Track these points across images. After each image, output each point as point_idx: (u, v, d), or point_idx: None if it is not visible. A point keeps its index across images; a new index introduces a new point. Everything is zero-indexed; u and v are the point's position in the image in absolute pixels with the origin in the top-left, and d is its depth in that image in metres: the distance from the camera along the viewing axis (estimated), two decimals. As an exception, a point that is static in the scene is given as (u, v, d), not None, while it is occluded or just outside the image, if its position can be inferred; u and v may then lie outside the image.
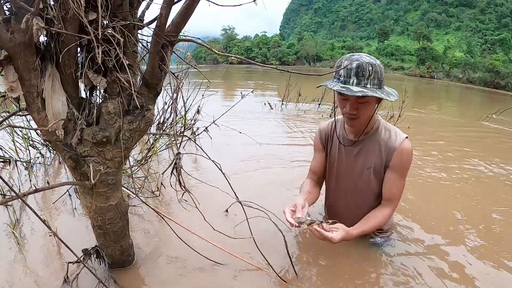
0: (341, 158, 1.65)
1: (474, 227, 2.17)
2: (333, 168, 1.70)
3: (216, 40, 60.60)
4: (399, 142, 1.47)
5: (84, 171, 1.18)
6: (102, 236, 1.37)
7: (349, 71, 1.32)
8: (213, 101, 4.97)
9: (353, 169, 1.61)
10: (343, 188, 1.69)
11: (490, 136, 5.66)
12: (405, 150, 1.47)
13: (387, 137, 1.50)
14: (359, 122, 1.45)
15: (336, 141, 1.66)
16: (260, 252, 1.53)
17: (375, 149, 1.52)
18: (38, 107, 1.06)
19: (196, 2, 1.03)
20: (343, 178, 1.67)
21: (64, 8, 0.95)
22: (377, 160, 1.52)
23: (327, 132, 1.71)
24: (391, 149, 1.48)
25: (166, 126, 3.75)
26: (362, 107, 1.39)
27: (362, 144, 1.56)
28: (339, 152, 1.65)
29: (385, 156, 1.50)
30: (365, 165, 1.56)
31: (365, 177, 1.57)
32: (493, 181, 3.18)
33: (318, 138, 1.75)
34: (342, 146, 1.62)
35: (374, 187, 1.58)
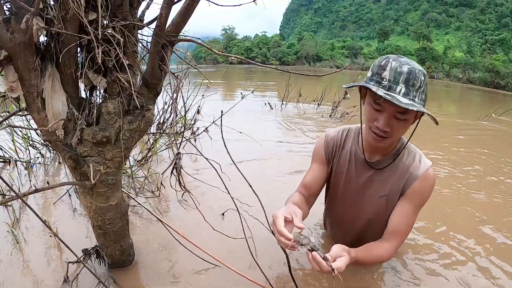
0: (349, 179, 1.35)
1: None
2: (338, 189, 1.40)
3: (216, 40, 60.61)
4: (423, 169, 1.22)
5: (84, 171, 1.18)
6: (102, 236, 1.37)
7: (397, 76, 1.01)
8: (213, 101, 4.97)
9: (363, 195, 1.33)
10: (347, 213, 1.43)
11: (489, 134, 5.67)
12: (428, 180, 1.22)
13: (410, 161, 1.25)
14: (387, 142, 1.15)
15: (346, 156, 1.35)
16: (258, 259, 1.52)
17: (394, 174, 1.26)
18: (38, 107, 1.06)
19: (196, 2, 1.02)
20: (349, 203, 1.39)
21: (64, 8, 0.95)
22: (393, 187, 1.26)
23: (337, 143, 1.38)
24: (413, 176, 1.22)
25: (166, 126, 3.75)
26: (399, 125, 1.09)
27: (380, 165, 1.29)
28: (348, 170, 1.34)
29: (404, 183, 1.25)
30: (379, 192, 1.29)
31: (375, 206, 1.31)
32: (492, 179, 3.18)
33: (323, 148, 1.41)
34: (353, 164, 1.33)
35: (385, 219, 1.31)
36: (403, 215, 1.25)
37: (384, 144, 1.16)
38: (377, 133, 1.12)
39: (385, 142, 1.14)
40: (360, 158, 1.32)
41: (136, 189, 2.34)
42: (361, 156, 1.31)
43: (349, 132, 1.39)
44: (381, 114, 1.08)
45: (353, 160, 1.34)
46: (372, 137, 1.15)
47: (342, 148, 1.37)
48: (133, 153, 2.93)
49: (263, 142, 3.84)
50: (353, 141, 1.36)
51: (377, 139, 1.13)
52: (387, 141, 1.14)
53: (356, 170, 1.33)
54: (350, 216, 1.42)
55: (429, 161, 1.25)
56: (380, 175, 1.28)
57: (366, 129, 1.17)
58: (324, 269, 0.91)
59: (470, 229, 2.15)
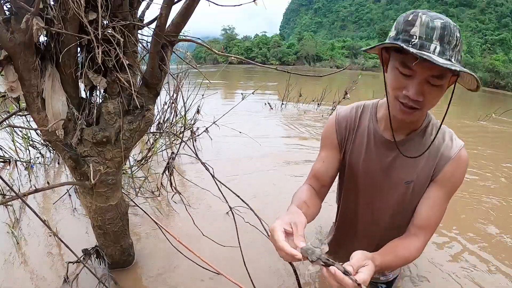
0: (369, 162, 1.13)
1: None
2: (355, 177, 1.18)
3: (216, 40, 60.60)
4: (455, 150, 1.02)
5: (84, 171, 1.18)
6: (102, 236, 1.37)
7: (430, 32, 0.83)
8: (213, 101, 4.97)
9: (386, 181, 1.12)
10: (366, 203, 1.21)
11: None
12: (462, 162, 1.03)
13: (440, 141, 1.05)
14: (417, 115, 0.94)
15: (363, 136, 1.13)
16: (256, 263, 1.52)
17: (422, 156, 1.05)
18: (38, 107, 1.06)
19: (196, 2, 1.03)
20: (369, 190, 1.18)
21: (64, 8, 0.95)
22: (422, 173, 1.06)
23: (350, 122, 1.16)
24: (445, 158, 1.03)
25: (166, 126, 3.75)
26: (433, 93, 0.88)
27: (404, 148, 1.06)
28: (366, 153, 1.13)
29: (434, 166, 1.05)
30: (404, 177, 1.08)
31: (400, 194, 1.10)
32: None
33: (335, 129, 1.18)
34: (373, 145, 1.11)
35: (411, 209, 1.11)
36: (433, 204, 1.05)
37: (413, 118, 0.94)
38: (405, 104, 0.90)
39: (415, 115, 0.92)
40: (380, 137, 1.09)
41: (136, 189, 2.34)
42: (381, 135, 1.08)
43: (364, 109, 1.16)
44: (411, 80, 0.87)
45: (372, 140, 1.11)
46: (399, 110, 0.93)
47: (357, 127, 1.14)
48: (133, 153, 2.93)
49: (263, 142, 3.84)
50: (370, 118, 1.13)
51: (406, 111, 0.91)
52: (417, 114, 0.93)
53: (376, 152, 1.10)
54: (370, 209, 1.20)
55: (461, 141, 1.05)
56: (405, 157, 1.06)
57: (391, 100, 0.96)
58: (346, 285, 0.72)
59: (476, 229, 2.15)
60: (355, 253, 0.81)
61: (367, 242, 1.25)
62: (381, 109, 1.10)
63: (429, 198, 1.06)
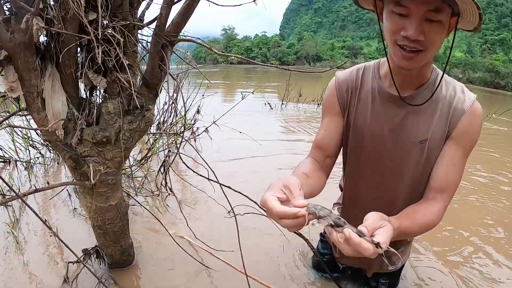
0: (376, 122, 1.02)
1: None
2: (362, 138, 1.06)
3: (216, 40, 60.63)
4: (469, 102, 0.94)
5: (84, 171, 1.18)
6: (102, 236, 1.37)
7: None
8: (213, 101, 4.98)
9: (397, 142, 1.00)
10: (378, 170, 1.08)
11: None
12: (477, 115, 0.94)
13: (451, 93, 0.96)
14: (422, 59, 0.84)
15: (367, 96, 1.03)
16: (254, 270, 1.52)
17: (435, 111, 0.95)
18: (38, 107, 1.06)
19: (196, 2, 1.03)
20: (380, 155, 1.05)
21: (64, 8, 0.95)
22: (436, 130, 0.96)
23: (352, 84, 1.06)
24: (458, 112, 0.94)
25: (166, 126, 3.75)
26: (433, 30, 0.80)
27: (415, 102, 0.97)
28: (373, 112, 1.02)
29: (449, 122, 0.95)
30: (417, 136, 0.97)
31: (415, 156, 0.99)
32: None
33: (335, 94, 1.08)
34: (379, 103, 1.01)
35: (427, 171, 1.01)
36: (451, 163, 0.95)
37: (418, 62, 0.85)
38: (406, 47, 0.82)
39: (419, 58, 0.84)
40: (386, 94, 0.99)
41: (135, 189, 2.34)
42: (387, 91, 0.98)
43: (365, 69, 1.07)
44: (408, 19, 0.81)
45: (377, 98, 1.01)
46: (401, 56, 0.84)
47: (360, 88, 1.04)
48: (133, 153, 2.93)
49: (263, 141, 3.84)
50: (373, 77, 1.03)
51: (408, 55, 0.83)
52: (421, 58, 0.84)
53: (384, 110, 1.00)
54: (382, 177, 1.07)
55: (472, 93, 0.97)
56: (416, 114, 0.97)
57: (391, 47, 0.87)
58: (364, 251, 0.59)
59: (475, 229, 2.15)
60: (370, 214, 0.69)
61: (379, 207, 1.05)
62: (383, 66, 1.01)
63: (446, 157, 0.96)
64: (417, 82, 0.96)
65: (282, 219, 0.63)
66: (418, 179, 1.02)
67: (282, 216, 0.63)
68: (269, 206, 0.64)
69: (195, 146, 3.52)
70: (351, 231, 0.59)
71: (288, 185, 0.67)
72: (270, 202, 0.64)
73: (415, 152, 0.99)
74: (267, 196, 0.66)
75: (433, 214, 0.92)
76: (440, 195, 0.96)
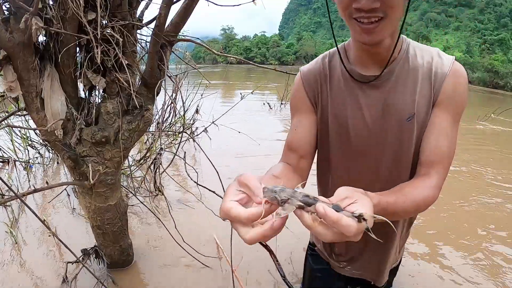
0: (357, 109, 0.91)
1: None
2: (345, 129, 0.94)
3: (215, 40, 60.64)
4: (448, 64, 0.86)
5: (83, 171, 1.18)
6: (101, 236, 1.37)
7: None
8: (212, 101, 4.98)
9: (385, 124, 0.90)
10: (370, 161, 0.95)
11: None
12: (460, 75, 0.86)
13: (429, 60, 0.87)
14: (385, 27, 0.74)
15: (340, 82, 0.92)
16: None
17: (416, 82, 0.87)
18: (37, 107, 1.06)
19: (195, 2, 1.03)
20: (369, 143, 0.93)
21: (63, 8, 0.95)
22: (421, 100, 0.87)
23: (319, 73, 0.95)
24: (440, 76, 0.85)
25: (165, 126, 3.75)
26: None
27: (392, 79, 0.87)
28: (350, 100, 0.91)
29: (432, 89, 0.87)
30: (404, 113, 0.87)
31: (407, 134, 0.88)
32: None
33: (302, 88, 0.98)
34: (355, 88, 0.91)
35: (417, 152, 0.91)
36: (441, 132, 0.86)
37: (382, 33, 0.75)
38: (363, 19, 0.72)
39: (381, 28, 0.73)
40: (361, 77, 0.89)
41: (134, 189, 2.34)
42: (361, 74, 0.88)
43: (332, 56, 0.96)
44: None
45: (351, 82, 0.91)
46: (360, 30, 0.74)
47: (330, 76, 0.94)
48: (132, 153, 2.93)
49: (262, 141, 3.85)
50: (341, 61, 0.92)
51: (368, 27, 0.73)
52: (384, 27, 0.73)
53: (362, 94, 0.90)
54: (377, 168, 0.94)
55: (449, 55, 0.89)
56: (397, 90, 0.87)
57: (348, 23, 0.78)
58: (345, 229, 0.45)
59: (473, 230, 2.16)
60: (339, 189, 0.56)
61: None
62: (350, 48, 0.91)
63: (434, 126, 0.87)
64: (389, 55, 0.85)
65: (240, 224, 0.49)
66: (414, 158, 0.91)
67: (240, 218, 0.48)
68: (233, 215, 0.48)
69: (194, 145, 3.53)
70: (325, 206, 0.46)
71: (243, 181, 0.53)
72: (232, 209, 0.49)
73: (405, 131, 0.88)
74: (226, 204, 0.50)
75: (427, 188, 0.80)
76: (433, 168, 0.85)
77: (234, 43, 62.79)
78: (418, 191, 0.78)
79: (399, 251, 1.11)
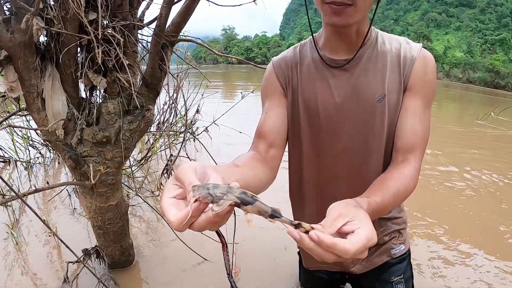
0: (327, 92, 0.91)
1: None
2: (316, 114, 0.93)
3: (216, 40, 60.70)
4: (416, 49, 0.88)
5: (84, 171, 1.18)
6: (102, 236, 1.37)
7: None
8: (213, 101, 4.98)
9: (356, 107, 0.90)
10: (339, 142, 0.93)
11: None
12: (428, 59, 0.88)
13: (397, 46, 0.90)
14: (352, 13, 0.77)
15: (310, 67, 0.94)
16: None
17: (385, 65, 0.89)
18: (38, 107, 1.06)
19: (196, 2, 1.03)
20: (340, 126, 0.92)
21: (64, 8, 0.95)
22: (391, 82, 0.88)
23: (290, 60, 0.97)
24: (409, 60, 0.87)
25: (165, 126, 3.75)
26: None
27: (361, 63, 0.89)
28: (320, 84, 0.92)
29: (402, 72, 0.88)
30: (374, 95, 0.88)
31: (378, 116, 0.89)
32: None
33: (273, 74, 0.98)
34: (325, 72, 0.92)
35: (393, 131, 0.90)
36: (414, 116, 0.86)
37: (350, 18, 0.77)
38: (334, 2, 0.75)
39: (349, 13, 0.76)
40: (331, 61, 0.90)
41: (136, 189, 2.34)
42: (330, 58, 0.90)
43: (302, 45, 0.99)
44: None
45: (321, 67, 0.92)
46: (330, 11, 0.77)
47: (300, 63, 0.96)
48: (133, 153, 2.93)
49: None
50: (312, 48, 0.95)
51: (337, 9, 0.75)
52: (352, 12, 0.76)
53: (332, 77, 0.91)
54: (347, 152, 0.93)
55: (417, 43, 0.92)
56: (367, 73, 0.89)
57: (321, 9, 0.81)
58: (340, 252, 0.45)
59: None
60: (331, 206, 0.56)
61: (346, 182, 0.96)
62: (320, 37, 0.94)
63: (407, 111, 0.88)
64: (358, 42, 0.88)
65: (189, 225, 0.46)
66: (387, 143, 0.90)
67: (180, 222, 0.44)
68: (167, 217, 0.45)
69: (194, 145, 3.53)
70: (319, 233, 0.45)
71: (178, 176, 0.49)
72: (165, 212, 0.46)
73: (376, 112, 0.88)
74: (162, 203, 0.48)
75: (407, 177, 0.79)
76: (410, 154, 0.85)
77: (235, 43, 62.86)
78: (401, 182, 0.78)
79: (385, 234, 1.04)
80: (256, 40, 63.94)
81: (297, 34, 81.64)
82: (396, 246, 1.05)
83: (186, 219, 0.43)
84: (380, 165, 0.92)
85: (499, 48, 54.64)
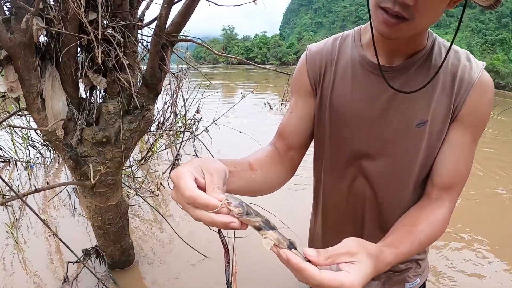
0: (360, 102, 0.79)
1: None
2: (342, 123, 0.83)
3: (216, 40, 60.73)
4: (477, 71, 0.72)
5: (84, 171, 1.18)
6: (102, 236, 1.37)
7: None
8: (213, 101, 4.98)
9: (388, 126, 0.77)
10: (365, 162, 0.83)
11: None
12: (487, 88, 0.73)
13: (455, 62, 0.74)
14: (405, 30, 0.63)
15: (347, 69, 0.81)
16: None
17: (436, 84, 0.74)
18: (38, 107, 1.06)
19: (196, 2, 1.03)
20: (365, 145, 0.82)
21: (64, 8, 0.95)
22: (439, 107, 0.74)
23: (327, 54, 0.84)
24: (465, 85, 0.72)
25: (166, 126, 3.75)
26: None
27: (409, 74, 0.75)
28: (354, 90, 0.79)
29: (454, 96, 0.73)
30: (414, 117, 0.74)
31: (412, 142, 0.76)
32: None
33: (305, 68, 0.85)
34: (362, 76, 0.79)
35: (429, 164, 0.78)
36: (460, 153, 0.75)
37: (400, 33, 0.64)
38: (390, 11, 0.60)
39: (401, 28, 0.62)
40: (370, 64, 0.77)
41: (136, 189, 2.34)
42: (371, 61, 0.76)
43: (344, 38, 0.85)
44: None
45: (360, 71, 0.79)
46: (381, 20, 0.63)
47: (337, 59, 0.83)
48: (133, 153, 2.93)
49: (263, 141, 3.84)
50: (353, 46, 0.82)
51: (390, 20, 0.61)
52: (405, 29, 0.63)
53: (369, 85, 0.77)
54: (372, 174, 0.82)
55: (480, 61, 0.75)
56: (410, 88, 0.73)
57: (373, 9, 0.66)
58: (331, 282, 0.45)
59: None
60: (346, 239, 0.52)
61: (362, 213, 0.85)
62: (366, 33, 0.80)
63: (453, 145, 0.75)
64: (408, 50, 0.74)
65: (194, 207, 0.45)
66: (420, 172, 0.78)
67: (196, 202, 0.44)
68: (182, 184, 0.45)
69: (194, 145, 3.53)
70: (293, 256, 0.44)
71: (210, 170, 0.49)
72: (184, 179, 0.46)
73: (411, 138, 0.75)
74: (182, 170, 0.47)
75: (439, 223, 0.70)
76: (446, 193, 0.75)
77: (235, 43, 62.87)
78: (432, 229, 0.69)
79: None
80: (256, 40, 63.94)
81: (297, 34, 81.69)
82: (411, 279, 0.92)
83: (212, 205, 0.43)
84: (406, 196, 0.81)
85: (499, 48, 54.64)
